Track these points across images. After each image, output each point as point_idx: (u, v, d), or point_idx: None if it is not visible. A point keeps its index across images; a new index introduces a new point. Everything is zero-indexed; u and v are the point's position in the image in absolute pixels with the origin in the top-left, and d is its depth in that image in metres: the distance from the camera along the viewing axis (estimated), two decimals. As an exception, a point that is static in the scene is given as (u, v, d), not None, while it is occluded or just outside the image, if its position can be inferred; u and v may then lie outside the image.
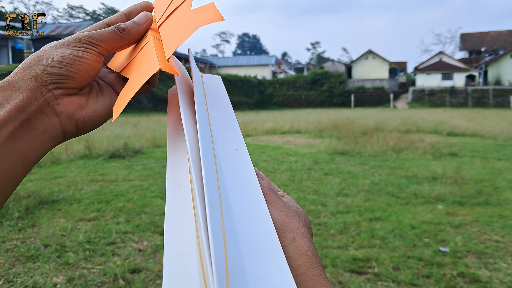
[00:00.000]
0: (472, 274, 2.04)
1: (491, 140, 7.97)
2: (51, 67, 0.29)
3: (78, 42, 0.32)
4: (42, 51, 0.31)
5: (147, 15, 0.37)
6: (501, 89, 30.90)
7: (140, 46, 0.36)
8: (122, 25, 0.35)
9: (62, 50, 0.31)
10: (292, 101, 36.41)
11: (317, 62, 67.16)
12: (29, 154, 0.28)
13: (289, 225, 0.26)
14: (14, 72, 0.29)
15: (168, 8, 0.38)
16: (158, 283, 1.96)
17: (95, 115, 0.33)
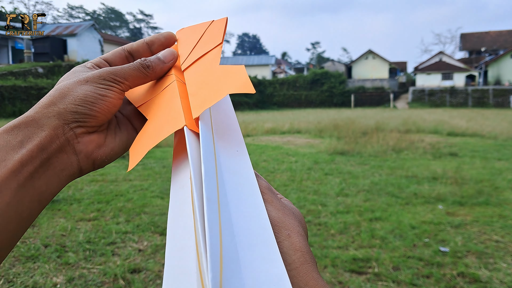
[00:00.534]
0: (472, 274, 2.04)
1: (491, 140, 7.97)
2: (74, 105, 0.29)
3: (102, 79, 0.31)
4: (66, 86, 0.30)
5: (173, 54, 0.36)
6: (501, 89, 30.90)
7: (163, 85, 0.35)
8: (147, 62, 0.34)
9: (86, 88, 0.30)
10: (292, 101, 36.40)
11: (317, 62, 67.16)
12: (46, 193, 0.27)
13: (285, 222, 0.27)
14: (37, 106, 0.29)
15: (195, 49, 0.37)
16: (158, 283, 1.96)
17: (112, 153, 0.33)
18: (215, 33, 0.36)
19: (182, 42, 0.39)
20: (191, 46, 0.37)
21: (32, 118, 0.28)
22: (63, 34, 24.81)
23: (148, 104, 0.34)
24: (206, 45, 0.36)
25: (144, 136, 0.31)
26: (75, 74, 0.32)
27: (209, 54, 0.34)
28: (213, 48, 0.35)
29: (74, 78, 0.31)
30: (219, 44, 0.35)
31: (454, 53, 57.65)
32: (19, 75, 18.77)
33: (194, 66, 0.35)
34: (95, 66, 0.34)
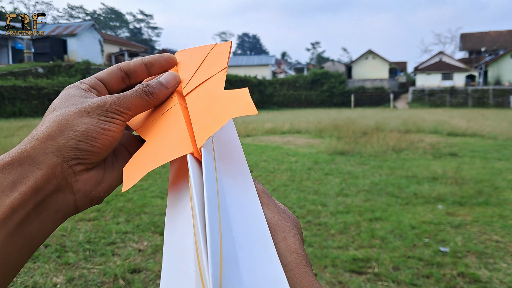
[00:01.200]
0: (472, 274, 2.04)
1: (491, 140, 7.97)
2: (75, 140, 0.26)
3: (105, 111, 0.29)
4: (65, 118, 0.27)
5: (175, 78, 0.34)
6: (501, 89, 30.90)
7: (164, 108, 0.33)
8: (150, 89, 0.32)
9: (88, 121, 0.28)
10: (292, 101, 36.41)
11: (317, 62, 67.17)
12: (37, 238, 0.25)
13: (281, 225, 0.27)
14: (32, 139, 0.26)
15: (197, 73, 0.35)
16: (158, 283, 1.96)
17: (110, 188, 0.30)
18: (219, 57, 0.35)
19: (182, 65, 0.38)
20: (192, 70, 0.36)
21: (27, 154, 0.25)
22: (63, 34, 24.81)
23: (147, 126, 0.33)
24: (209, 69, 0.35)
25: (142, 157, 0.29)
26: (72, 101, 0.29)
27: (213, 79, 0.33)
28: (217, 73, 0.33)
29: (72, 107, 0.28)
30: (224, 69, 0.33)
31: (454, 53, 57.71)
32: (19, 75, 18.77)
33: (196, 91, 0.33)
34: (90, 88, 0.32)
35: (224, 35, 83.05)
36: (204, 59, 0.36)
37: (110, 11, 66.09)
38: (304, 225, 2.82)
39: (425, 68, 36.11)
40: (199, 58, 0.37)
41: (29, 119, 15.11)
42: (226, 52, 0.35)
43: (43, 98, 18.29)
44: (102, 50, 27.25)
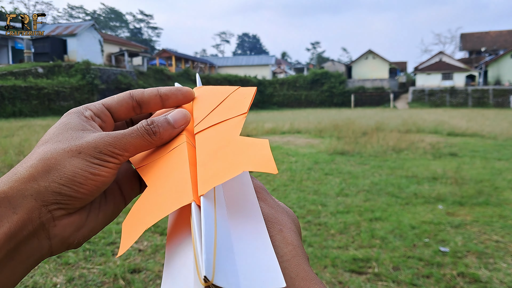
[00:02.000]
0: (472, 274, 2.04)
1: (491, 140, 7.97)
2: (59, 184, 0.24)
3: (98, 152, 0.26)
4: (53, 157, 0.25)
5: (185, 117, 0.31)
6: (501, 89, 30.90)
7: (170, 145, 0.30)
8: (154, 127, 0.29)
9: (77, 163, 0.25)
10: (292, 101, 36.41)
11: (317, 62, 67.17)
12: (6, 286, 0.23)
13: (278, 218, 0.27)
14: (12, 178, 0.24)
15: (213, 113, 0.32)
16: (158, 283, 1.96)
17: (92, 234, 0.27)
18: (240, 101, 0.32)
19: (199, 101, 0.35)
20: (209, 108, 0.33)
21: (4, 195, 0.23)
22: (63, 34, 24.81)
23: (150, 166, 0.30)
24: (228, 111, 0.32)
25: (142, 209, 0.26)
26: (67, 134, 0.27)
27: (230, 122, 0.30)
28: (235, 116, 0.30)
29: (64, 143, 0.26)
30: (244, 113, 0.30)
31: (454, 53, 57.74)
32: (19, 75, 18.76)
33: (209, 131, 0.30)
34: (94, 116, 0.30)
35: (224, 35, 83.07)
36: (223, 100, 0.34)
37: (110, 11, 66.09)
38: (304, 225, 2.82)
39: (425, 68, 36.11)
40: (218, 98, 0.34)
41: (29, 119, 15.11)
42: (249, 96, 0.33)
43: (43, 98, 18.29)
44: (102, 50, 27.25)
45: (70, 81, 20.53)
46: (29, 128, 10.04)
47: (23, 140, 7.05)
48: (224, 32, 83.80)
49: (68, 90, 19.94)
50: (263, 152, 0.25)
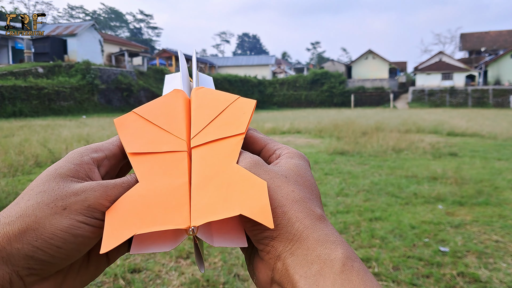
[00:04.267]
0: (472, 274, 2.05)
1: (491, 140, 7.97)
2: (33, 247, 0.21)
3: (86, 207, 0.23)
4: (34, 213, 0.22)
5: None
6: (501, 89, 30.90)
7: (169, 141, 0.30)
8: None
9: (59, 222, 0.22)
10: (292, 101, 36.40)
11: (317, 62, 67.16)
12: None
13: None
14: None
15: (211, 124, 0.31)
16: (158, 283, 1.96)
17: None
18: (239, 116, 0.32)
19: (197, 107, 0.34)
20: (207, 119, 0.32)
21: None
22: (63, 34, 24.81)
23: (144, 158, 0.28)
24: (226, 126, 0.31)
25: (132, 207, 0.25)
26: (53, 183, 0.24)
27: (227, 142, 0.29)
28: (233, 136, 0.30)
29: (51, 194, 0.23)
30: (241, 134, 0.30)
31: (454, 53, 57.74)
32: (19, 75, 18.76)
33: (206, 149, 0.29)
34: (100, 158, 0.28)
35: (224, 35, 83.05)
36: (222, 111, 0.33)
37: (110, 11, 66.08)
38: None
39: (425, 68, 36.11)
40: (217, 107, 0.33)
41: (29, 119, 15.11)
42: (248, 113, 0.32)
43: (43, 98, 18.29)
44: (102, 50, 27.25)
45: (70, 81, 20.53)
46: (29, 128, 10.04)
47: (23, 140, 7.05)
48: (224, 32, 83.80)
49: (68, 90, 19.93)
50: (260, 198, 0.24)
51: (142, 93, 25.41)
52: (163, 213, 0.24)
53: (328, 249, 0.22)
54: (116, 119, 0.32)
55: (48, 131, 9.33)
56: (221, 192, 0.25)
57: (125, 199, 0.25)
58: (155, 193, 0.26)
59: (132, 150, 0.29)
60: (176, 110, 0.33)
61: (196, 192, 0.26)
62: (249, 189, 0.25)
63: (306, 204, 0.25)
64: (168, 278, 2.00)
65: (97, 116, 18.41)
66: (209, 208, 0.24)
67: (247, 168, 0.26)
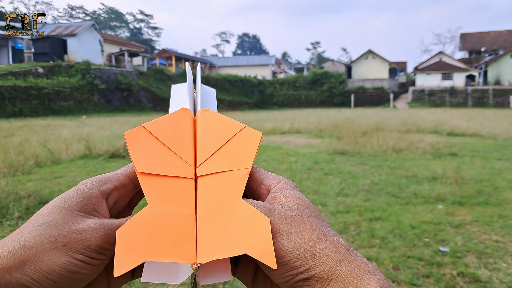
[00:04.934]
0: (472, 274, 2.05)
1: (491, 140, 7.97)
2: (30, 279, 0.22)
3: (85, 247, 0.24)
4: (35, 246, 0.23)
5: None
6: (501, 89, 30.90)
7: (177, 165, 0.30)
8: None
9: (57, 258, 0.23)
10: (292, 101, 36.41)
11: (317, 62, 67.17)
12: None
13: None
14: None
15: (217, 154, 0.32)
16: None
17: None
18: (245, 149, 0.32)
19: (203, 132, 0.34)
20: (213, 147, 0.32)
21: None
22: (63, 34, 24.81)
23: (153, 180, 0.29)
24: (232, 158, 0.31)
25: (142, 232, 0.25)
26: (59, 216, 0.25)
27: (233, 176, 0.30)
28: (238, 170, 0.30)
29: (53, 230, 0.24)
30: (247, 169, 0.30)
31: (454, 53, 57.76)
32: (19, 75, 18.76)
33: (212, 178, 0.30)
34: (109, 191, 0.29)
35: (224, 35, 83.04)
36: (228, 140, 0.33)
37: (110, 11, 66.08)
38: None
39: (425, 68, 36.11)
40: (223, 135, 0.33)
41: (29, 119, 15.11)
42: (255, 146, 0.32)
43: (43, 98, 18.29)
44: (102, 50, 27.25)
45: (70, 81, 20.53)
46: (29, 128, 10.04)
47: (23, 140, 7.05)
48: (224, 32, 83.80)
49: (68, 90, 19.93)
50: (264, 237, 0.25)
51: (142, 93, 25.41)
52: (171, 244, 0.25)
53: (363, 280, 0.23)
54: (127, 133, 0.32)
55: (48, 131, 9.33)
56: (226, 228, 0.26)
57: (136, 222, 0.26)
58: (164, 221, 0.26)
59: (142, 170, 0.29)
60: (184, 131, 0.33)
61: (202, 226, 0.26)
62: (253, 227, 0.26)
63: (329, 238, 0.26)
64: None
65: (97, 116, 18.41)
66: (215, 245, 0.25)
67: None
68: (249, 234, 0.25)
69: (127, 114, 20.69)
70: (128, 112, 22.38)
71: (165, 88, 27.72)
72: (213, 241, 0.25)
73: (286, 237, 0.25)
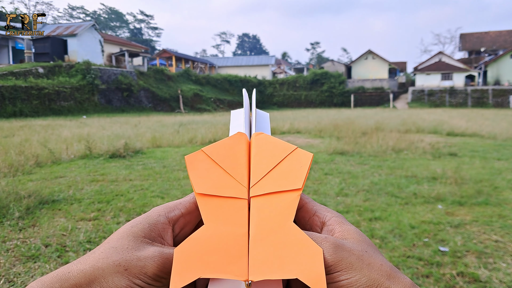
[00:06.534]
0: (471, 274, 2.05)
1: (491, 140, 7.98)
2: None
3: (143, 274, 0.26)
4: (102, 268, 0.26)
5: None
6: (501, 89, 30.90)
7: (231, 187, 0.32)
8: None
9: (118, 281, 0.26)
10: (292, 101, 36.41)
11: (317, 62, 67.16)
12: None
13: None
14: (65, 277, 0.25)
15: (270, 174, 0.33)
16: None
17: None
18: (296, 169, 0.33)
19: (257, 154, 0.36)
20: (265, 168, 0.34)
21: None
22: (63, 34, 24.81)
23: (210, 201, 0.31)
24: (283, 179, 0.33)
25: (197, 249, 0.27)
26: (125, 241, 0.28)
27: (284, 198, 0.31)
28: (290, 191, 0.32)
29: (118, 254, 0.27)
30: (298, 189, 0.31)
31: (454, 53, 57.75)
32: (20, 75, 18.76)
33: (264, 199, 0.32)
34: (172, 219, 0.31)
35: (224, 35, 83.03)
36: (280, 162, 0.34)
37: (110, 12, 66.07)
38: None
39: (424, 68, 36.11)
40: (275, 156, 0.35)
41: (30, 119, 15.11)
42: (305, 167, 0.33)
43: (43, 98, 18.29)
44: (103, 50, 27.24)
45: (70, 81, 20.53)
46: (29, 128, 10.05)
47: (24, 140, 7.05)
48: (224, 32, 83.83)
49: (69, 90, 19.93)
50: (316, 265, 0.26)
51: (142, 93, 25.40)
52: (225, 261, 0.27)
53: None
54: (187, 156, 0.34)
55: (48, 131, 9.33)
56: (278, 250, 0.27)
57: (192, 241, 0.28)
58: (218, 240, 0.28)
59: (200, 191, 0.32)
60: (239, 154, 0.36)
61: (254, 246, 0.28)
62: (305, 253, 0.26)
63: (397, 275, 0.27)
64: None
65: (97, 116, 18.41)
66: (266, 266, 0.26)
67: (330, 252, 0.28)
68: (301, 259, 0.26)
69: (127, 114, 20.69)
70: (129, 112, 22.38)
71: (165, 88, 27.71)
72: (265, 261, 0.27)
73: (360, 272, 0.26)
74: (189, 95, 28.70)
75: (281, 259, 0.26)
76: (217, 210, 0.30)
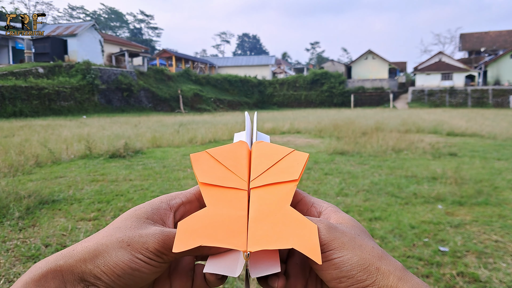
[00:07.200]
0: (471, 274, 2.05)
1: (491, 140, 7.98)
2: (100, 271, 0.27)
3: (145, 249, 0.28)
4: (106, 243, 0.28)
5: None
6: (501, 89, 30.90)
7: (232, 179, 0.35)
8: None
9: (122, 255, 0.27)
10: (292, 101, 36.41)
11: (317, 62, 67.16)
12: None
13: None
14: (70, 254, 0.27)
15: (268, 172, 0.36)
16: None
17: None
18: (293, 165, 0.36)
19: (257, 157, 0.38)
20: (265, 166, 0.37)
21: (60, 269, 0.26)
22: (63, 34, 24.81)
23: (212, 189, 0.34)
24: (281, 173, 0.35)
25: (200, 223, 0.29)
26: (129, 222, 0.30)
27: (282, 187, 0.34)
28: (287, 182, 0.34)
29: (121, 232, 0.29)
30: (295, 180, 0.34)
31: (454, 53, 57.78)
32: (20, 75, 18.76)
33: (263, 189, 0.34)
34: (173, 206, 0.33)
35: (224, 35, 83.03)
36: (278, 161, 0.37)
37: (110, 12, 66.06)
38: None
39: (424, 68, 36.11)
40: (273, 157, 0.38)
41: (30, 119, 15.11)
42: (302, 163, 0.36)
43: (43, 98, 18.29)
44: (103, 50, 27.24)
45: (70, 81, 20.53)
46: (29, 128, 10.05)
47: (24, 140, 7.05)
48: (224, 32, 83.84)
49: (69, 90, 19.93)
50: (311, 238, 0.28)
51: (142, 93, 25.40)
52: (225, 235, 0.29)
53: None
54: (192, 155, 0.37)
55: (48, 131, 9.33)
56: (275, 227, 0.29)
57: (195, 217, 0.30)
58: (220, 218, 0.30)
59: (203, 180, 0.34)
60: (240, 157, 0.38)
61: (253, 224, 0.30)
62: (301, 229, 0.28)
63: (388, 257, 0.29)
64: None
65: (97, 116, 18.41)
66: (264, 239, 0.28)
67: (324, 232, 0.29)
68: (297, 234, 0.28)
69: (127, 114, 20.69)
70: (129, 112, 22.38)
71: (165, 88, 27.71)
72: (263, 236, 0.29)
73: (352, 252, 0.28)
74: (189, 95, 28.70)
75: (278, 234, 0.28)
76: (219, 197, 0.33)
